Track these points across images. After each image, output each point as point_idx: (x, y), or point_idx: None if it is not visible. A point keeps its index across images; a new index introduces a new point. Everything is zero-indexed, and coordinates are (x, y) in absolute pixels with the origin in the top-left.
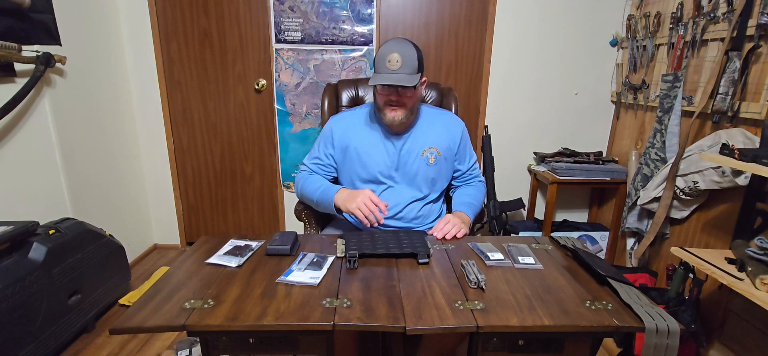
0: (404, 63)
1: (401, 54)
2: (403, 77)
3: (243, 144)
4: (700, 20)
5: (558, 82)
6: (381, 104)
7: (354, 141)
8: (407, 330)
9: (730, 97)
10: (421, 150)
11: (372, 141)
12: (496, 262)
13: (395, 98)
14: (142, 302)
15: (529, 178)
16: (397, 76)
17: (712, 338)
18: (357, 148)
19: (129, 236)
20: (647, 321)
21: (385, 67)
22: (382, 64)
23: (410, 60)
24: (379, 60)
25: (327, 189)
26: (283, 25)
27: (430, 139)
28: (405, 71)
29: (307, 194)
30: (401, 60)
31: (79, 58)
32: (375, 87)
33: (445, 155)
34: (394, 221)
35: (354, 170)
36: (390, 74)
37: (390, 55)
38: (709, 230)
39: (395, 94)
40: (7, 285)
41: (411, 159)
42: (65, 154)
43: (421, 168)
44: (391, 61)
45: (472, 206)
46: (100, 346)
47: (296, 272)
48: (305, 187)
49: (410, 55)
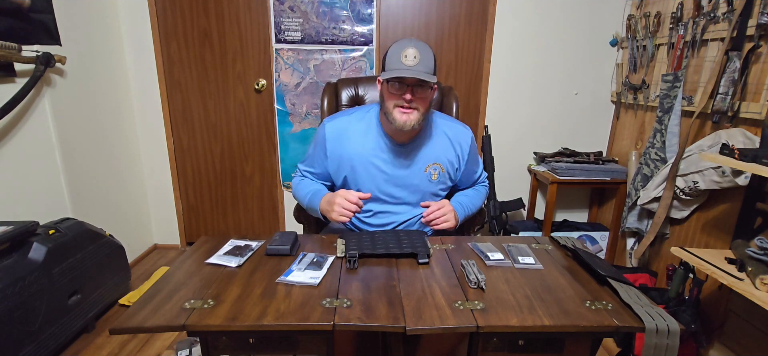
0: (421, 60)
1: (419, 50)
2: (422, 73)
3: (243, 144)
4: (700, 20)
5: (558, 82)
6: (390, 106)
7: (349, 151)
8: (407, 330)
9: (730, 97)
10: (425, 166)
11: (370, 152)
12: (496, 262)
13: (409, 98)
14: (142, 302)
15: (529, 178)
16: (415, 69)
17: (712, 338)
18: (352, 159)
19: (129, 236)
20: (647, 321)
21: (401, 62)
22: (395, 59)
23: (428, 58)
24: (392, 56)
25: (314, 196)
26: (283, 25)
27: (436, 153)
28: (422, 68)
29: (299, 200)
30: (419, 56)
31: (79, 58)
32: (385, 88)
33: (448, 170)
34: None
35: (352, 178)
36: (407, 68)
37: (406, 51)
38: (709, 230)
39: (409, 93)
40: (7, 285)
41: (412, 174)
42: (65, 154)
43: (422, 184)
44: (408, 57)
45: (464, 207)
46: (100, 346)
47: (296, 272)
48: (297, 193)
49: (428, 53)
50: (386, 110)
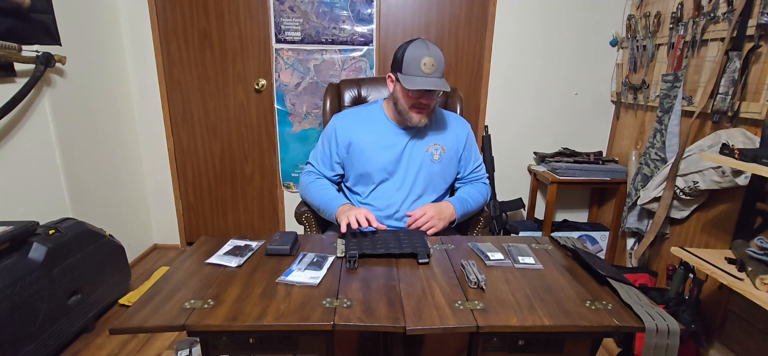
0: (437, 67)
1: (435, 58)
2: (442, 82)
3: (243, 144)
4: (700, 20)
5: (558, 82)
6: (408, 106)
7: (357, 136)
8: (407, 329)
9: (730, 97)
10: (427, 146)
11: (376, 136)
12: (496, 262)
13: (426, 101)
14: (142, 302)
15: (529, 178)
16: (437, 81)
17: (712, 338)
18: (361, 143)
19: (129, 236)
20: (647, 320)
21: (420, 70)
22: (415, 67)
23: (442, 64)
24: (411, 63)
25: (331, 200)
26: (283, 25)
27: (437, 136)
28: (438, 75)
29: (310, 197)
30: (436, 64)
31: (79, 58)
32: (400, 87)
33: (449, 154)
34: (393, 221)
35: (359, 164)
36: (428, 78)
37: (424, 59)
38: (709, 230)
39: (426, 97)
40: (7, 285)
41: (415, 153)
42: (65, 154)
43: (424, 163)
44: (427, 65)
45: (463, 202)
46: (100, 346)
47: (296, 272)
48: (309, 190)
49: (441, 59)
50: (401, 108)
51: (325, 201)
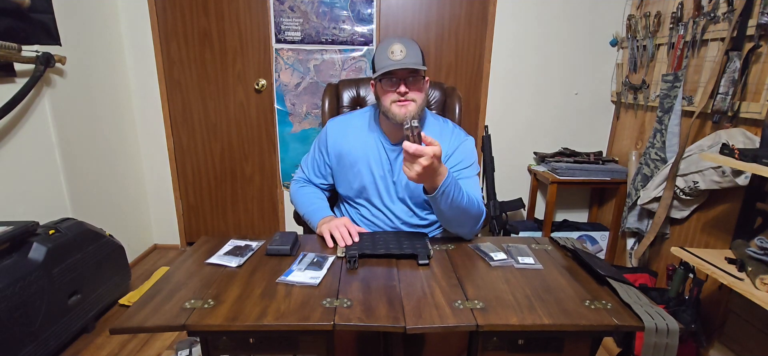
0: (408, 53)
1: (404, 45)
2: (411, 63)
3: (243, 144)
4: (700, 20)
5: (558, 82)
6: (388, 103)
7: (348, 147)
8: (407, 329)
9: (730, 97)
10: None
11: (367, 148)
12: (500, 262)
13: (403, 90)
14: (142, 302)
15: (529, 178)
16: (404, 61)
17: (712, 338)
18: (351, 153)
19: (129, 236)
20: (647, 320)
21: (388, 59)
22: (383, 58)
23: (414, 50)
24: (380, 55)
25: (314, 213)
26: (283, 25)
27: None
28: (410, 60)
29: (297, 205)
30: (405, 50)
31: (79, 58)
32: (379, 88)
33: None
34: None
35: (348, 177)
36: (395, 62)
37: (392, 47)
38: (709, 230)
39: (403, 85)
40: (7, 285)
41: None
42: (65, 154)
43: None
44: (395, 53)
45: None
46: (100, 346)
47: (296, 272)
48: (296, 198)
49: (413, 47)
50: (384, 108)
51: (309, 212)
